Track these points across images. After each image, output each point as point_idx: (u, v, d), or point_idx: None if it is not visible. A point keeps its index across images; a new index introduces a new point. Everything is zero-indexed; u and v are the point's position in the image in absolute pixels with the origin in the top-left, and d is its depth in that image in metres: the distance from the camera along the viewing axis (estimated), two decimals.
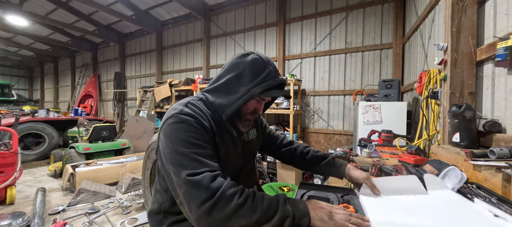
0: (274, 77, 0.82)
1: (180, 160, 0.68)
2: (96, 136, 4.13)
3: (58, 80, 11.80)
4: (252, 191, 0.69)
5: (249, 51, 0.86)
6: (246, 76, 0.81)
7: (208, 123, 0.78)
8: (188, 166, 0.66)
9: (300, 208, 0.68)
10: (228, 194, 0.63)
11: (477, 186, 0.91)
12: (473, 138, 1.28)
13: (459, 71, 1.52)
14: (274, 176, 3.46)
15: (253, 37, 5.34)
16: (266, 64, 0.82)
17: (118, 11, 6.27)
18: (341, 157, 1.31)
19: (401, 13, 3.70)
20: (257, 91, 0.79)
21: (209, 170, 0.66)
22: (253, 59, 0.83)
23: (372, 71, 4.06)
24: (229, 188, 0.65)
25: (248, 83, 0.80)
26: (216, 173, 0.67)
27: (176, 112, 0.76)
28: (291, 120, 3.96)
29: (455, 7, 1.53)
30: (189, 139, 0.71)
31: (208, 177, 0.64)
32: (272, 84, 0.81)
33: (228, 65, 0.87)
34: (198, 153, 0.69)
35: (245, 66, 0.82)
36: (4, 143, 2.71)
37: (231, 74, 0.83)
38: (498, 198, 0.81)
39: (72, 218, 2.33)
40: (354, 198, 0.87)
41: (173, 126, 0.73)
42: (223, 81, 0.85)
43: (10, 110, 6.73)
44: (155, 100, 6.13)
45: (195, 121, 0.74)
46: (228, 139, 0.85)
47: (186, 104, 0.81)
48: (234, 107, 0.80)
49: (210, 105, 0.86)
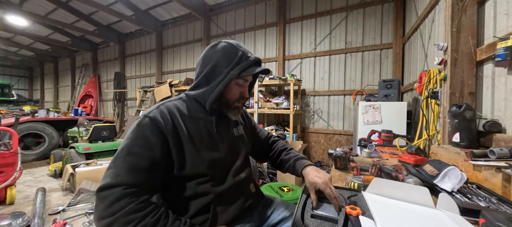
0: (247, 57, 0.85)
1: (112, 163, 0.70)
2: (96, 136, 4.13)
3: (58, 80, 11.80)
4: (155, 219, 0.66)
5: (217, 41, 0.89)
6: (221, 63, 0.84)
7: (172, 126, 0.78)
8: (107, 176, 0.68)
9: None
10: (125, 220, 0.63)
11: (477, 186, 0.91)
12: (473, 138, 1.29)
13: (459, 71, 1.52)
14: (274, 176, 3.46)
15: (253, 37, 5.34)
16: (236, 48, 0.85)
17: (118, 11, 6.26)
18: (341, 157, 1.30)
19: (401, 13, 3.70)
20: (234, 72, 0.82)
21: (123, 184, 0.66)
22: (223, 46, 0.86)
23: (372, 71, 4.06)
24: (130, 213, 0.64)
25: (224, 69, 0.83)
26: (128, 191, 0.65)
27: (146, 113, 0.78)
28: (291, 120, 3.96)
29: (455, 7, 1.53)
30: (130, 146, 0.71)
31: (116, 195, 0.64)
32: (247, 63, 0.84)
33: (201, 60, 0.89)
34: (128, 162, 0.69)
35: (217, 55, 0.85)
36: (4, 143, 2.71)
37: (206, 67, 0.86)
38: (498, 198, 0.81)
39: (72, 218, 2.33)
40: (361, 199, 0.84)
41: (133, 127, 0.75)
42: (202, 76, 0.87)
43: (10, 110, 6.72)
44: (155, 100, 6.13)
45: (152, 128, 0.74)
46: (207, 138, 0.84)
47: (159, 106, 0.82)
48: (215, 94, 0.83)
49: (190, 102, 0.88)
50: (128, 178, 0.67)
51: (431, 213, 0.78)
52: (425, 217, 0.76)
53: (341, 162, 1.30)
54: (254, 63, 0.86)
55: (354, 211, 0.72)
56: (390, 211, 0.76)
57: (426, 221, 0.73)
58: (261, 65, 0.90)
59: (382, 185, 0.87)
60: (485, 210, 0.71)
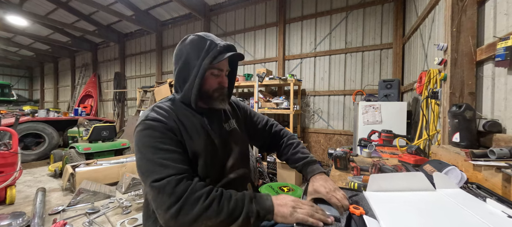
0: (217, 44, 0.84)
1: (146, 166, 0.70)
2: (96, 136, 4.13)
3: (58, 80, 11.80)
4: (219, 192, 0.70)
5: (185, 36, 0.89)
6: (192, 56, 0.84)
7: (174, 122, 0.79)
8: (153, 172, 0.68)
9: (265, 206, 0.70)
10: (193, 198, 0.65)
11: (477, 186, 0.91)
12: (473, 138, 1.28)
13: (459, 71, 1.52)
14: (274, 176, 3.46)
15: (253, 37, 5.34)
16: (204, 38, 0.85)
17: (118, 11, 6.26)
18: (341, 157, 1.30)
19: (401, 13, 3.70)
20: (206, 62, 0.81)
21: (174, 174, 0.68)
22: (191, 39, 0.86)
23: (372, 71, 4.06)
24: (195, 191, 0.66)
25: (196, 61, 0.83)
26: (181, 177, 0.68)
27: (143, 119, 0.78)
28: (291, 120, 3.97)
29: (455, 7, 1.53)
30: (155, 145, 0.72)
31: (173, 182, 0.66)
32: (217, 50, 0.83)
33: (174, 57, 0.89)
34: (164, 158, 0.70)
35: (187, 49, 0.85)
36: (4, 143, 2.71)
37: (179, 63, 0.86)
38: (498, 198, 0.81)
39: (72, 218, 2.33)
40: (363, 199, 0.83)
41: (141, 133, 0.76)
42: (177, 74, 0.88)
43: (10, 110, 6.73)
44: (155, 100, 6.13)
45: (161, 125, 0.76)
46: (203, 134, 0.85)
47: (153, 108, 0.83)
48: (195, 89, 0.83)
49: (179, 102, 0.88)
50: (174, 169, 0.69)
51: (431, 196, 0.80)
52: (426, 202, 0.77)
53: (341, 162, 1.30)
54: (225, 49, 0.84)
55: (357, 211, 0.71)
56: (392, 206, 0.75)
57: (427, 206, 0.74)
58: (234, 50, 0.87)
59: (380, 181, 0.87)
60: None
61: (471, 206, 0.72)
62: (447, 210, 0.71)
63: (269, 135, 1.15)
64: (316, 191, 0.82)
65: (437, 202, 0.76)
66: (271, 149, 1.17)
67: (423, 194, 0.82)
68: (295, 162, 1.03)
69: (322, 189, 0.81)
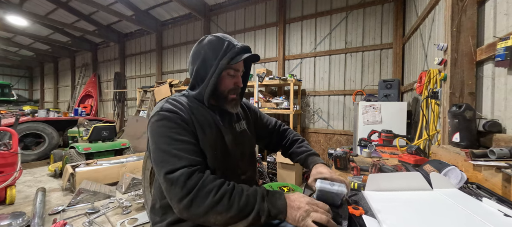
0: (235, 45, 0.86)
1: (161, 157, 0.71)
2: (96, 136, 4.13)
3: (58, 80, 11.79)
4: (231, 186, 0.69)
5: (203, 36, 0.91)
6: (209, 56, 0.85)
7: (188, 116, 0.80)
8: (167, 163, 0.69)
9: (278, 205, 0.68)
10: (204, 192, 0.66)
11: (477, 186, 0.91)
12: (473, 138, 1.28)
13: (459, 71, 1.52)
14: (274, 176, 3.46)
15: (253, 37, 5.33)
16: (222, 39, 0.87)
17: (118, 11, 6.26)
18: (341, 157, 1.30)
19: (401, 13, 3.70)
20: (224, 62, 0.83)
21: (187, 165, 0.69)
22: (209, 40, 0.88)
23: (372, 71, 4.06)
24: (206, 185, 0.67)
25: (213, 61, 0.84)
26: (194, 169, 0.69)
27: (158, 110, 0.79)
28: (291, 120, 3.96)
29: (455, 7, 1.53)
30: (171, 135, 0.73)
31: (185, 174, 0.67)
32: (235, 51, 0.85)
33: (191, 57, 0.91)
34: (178, 148, 0.71)
35: (205, 50, 0.87)
36: (4, 143, 2.71)
37: (196, 63, 0.88)
38: (498, 198, 0.81)
39: (72, 218, 2.33)
40: (362, 199, 0.83)
41: (156, 124, 0.77)
42: (194, 73, 0.89)
43: (10, 110, 6.73)
44: (155, 100, 6.13)
45: (176, 116, 0.77)
46: (215, 130, 0.86)
47: (167, 99, 0.84)
48: (210, 87, 0.84)
49: (192, 98, 0.89)
50: (187, 160, 0.70)
51: (429, 196, 0.81)
52: (424, 202, 0.78)
53: (341, 162, 1.30)
54: (242, 50, 0.87)
55: (357, 211, 0.71)
56: (391, 205, 0.76)
57: (424, 205, 0.75)
58: (250, 51, 0.90)
59: (378, 180, 0.89)
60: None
61: (468, 205, 0.73)
62: (444, 209, 0.72)
63: (278, 135, 1.20)
64: (319, 173, 0.88)
65: (434, 202, 0.77)
66: (277, 147, 1.21)
67: (421, 193, 0.84)
68: (298, 155, 1.07)
69: (325, 170, 0.88)
